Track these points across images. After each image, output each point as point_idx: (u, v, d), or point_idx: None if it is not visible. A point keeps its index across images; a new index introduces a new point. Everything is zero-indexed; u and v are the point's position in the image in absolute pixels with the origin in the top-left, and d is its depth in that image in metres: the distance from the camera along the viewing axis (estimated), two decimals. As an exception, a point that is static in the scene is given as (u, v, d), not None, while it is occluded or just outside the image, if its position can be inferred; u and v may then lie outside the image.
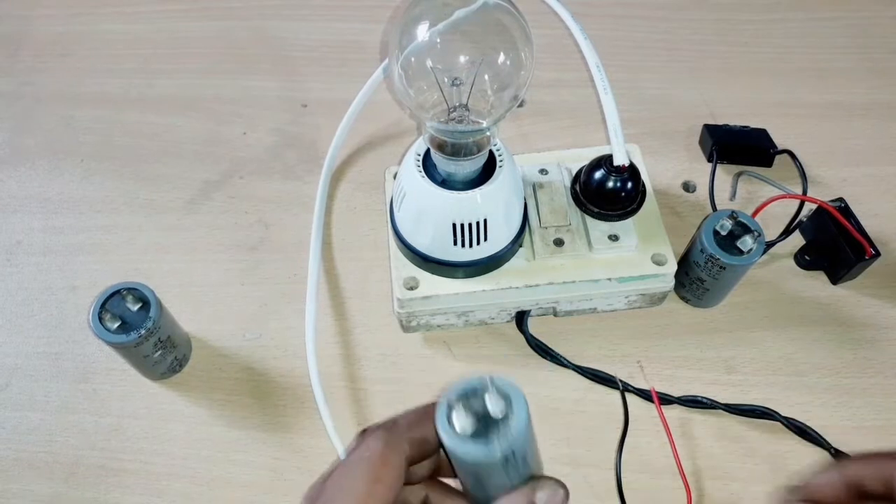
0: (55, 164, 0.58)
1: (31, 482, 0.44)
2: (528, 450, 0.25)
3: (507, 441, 0.24)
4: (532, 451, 0.26)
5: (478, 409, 0.25)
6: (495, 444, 0.24)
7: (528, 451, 0.25)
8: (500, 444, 0.24)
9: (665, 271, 0.45)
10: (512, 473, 0.25)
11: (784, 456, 0.43)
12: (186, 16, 0.67)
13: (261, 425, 0.45)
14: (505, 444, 0.24)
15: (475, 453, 0.24)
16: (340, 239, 0.53)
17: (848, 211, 0.48)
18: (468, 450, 0.24)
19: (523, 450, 0.25)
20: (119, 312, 0.42)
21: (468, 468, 0.26)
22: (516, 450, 0.24)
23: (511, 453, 0.24)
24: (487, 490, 0.26)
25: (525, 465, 0.25)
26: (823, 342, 0.47)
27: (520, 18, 0.39)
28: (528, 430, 0.25)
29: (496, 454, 0.24)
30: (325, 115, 0.59)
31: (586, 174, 0.46)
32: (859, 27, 0.64)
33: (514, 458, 0.25)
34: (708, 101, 0.59)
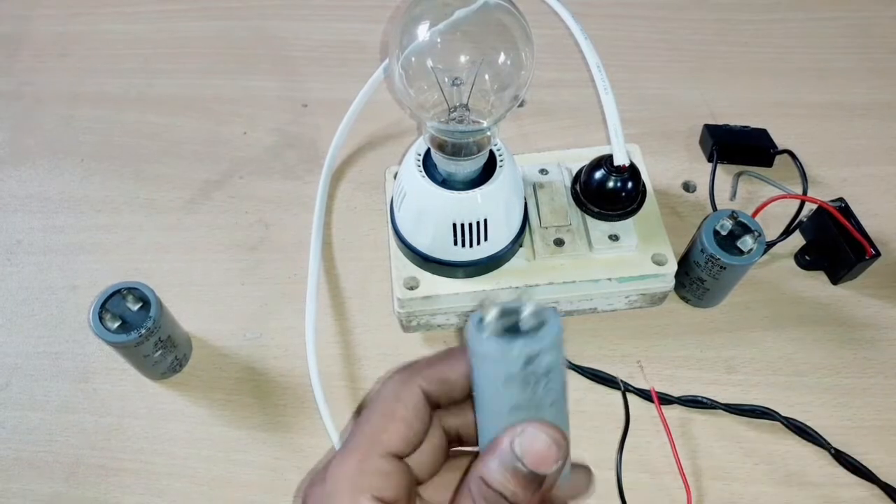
0: (55, 164, 0.58)
1: (31, 482, 0.44)
2: (552, 382, 0.24)
3: (531, 346, 0.23)
4: (555, 390, 0.24)
5: (512, 323, 0.24)
6: (518, 343, 0.23)
7: (551, 381, 0.24)
8: (522, 346, 0.23)
9: (665, 271, 0.45)
10: (528, 399, 0.24)
11: (784, 456, 0.43)
12: (186, 16, 0.67)
13: (261, 425, 0.45)
14: (527, 348, 0.23)
15: (494, 350, 0.23)
16: (340, 239, 0.53)
17: (848, 211, 0.48)
18: (489, 346, 0.23)
19: (546, 369, 0.23)
20: (119, 312, 0.42)
21: (486, 377, 0.24)
22: (538, 364, 0.23)
23: (532, 365, 0.23)
24: (497, 419, 0.24)
25: (546, 394, 0.24)
26: (824, 342, 0.47)
27: (520, 18, 0.39)
28: (556, 350, 0.24)
29: (514, 352, 0.23)
30: (325, 115, 0.59)
31: (586, 174, 0.46)
32: (859, 27, 0.64)
33: (534, 375, 0.23)
34: (708, 101, 0.59)
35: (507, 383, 0.23)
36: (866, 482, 0.42)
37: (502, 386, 0.24)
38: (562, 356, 0.24)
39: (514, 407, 0.24)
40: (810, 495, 0.42)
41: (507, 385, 0.24)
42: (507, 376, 0.23)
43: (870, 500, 0.42)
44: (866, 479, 0.42)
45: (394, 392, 0.26)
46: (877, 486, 0.42)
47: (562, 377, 0.24)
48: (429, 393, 0.26)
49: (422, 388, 0.26)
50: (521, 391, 0.23)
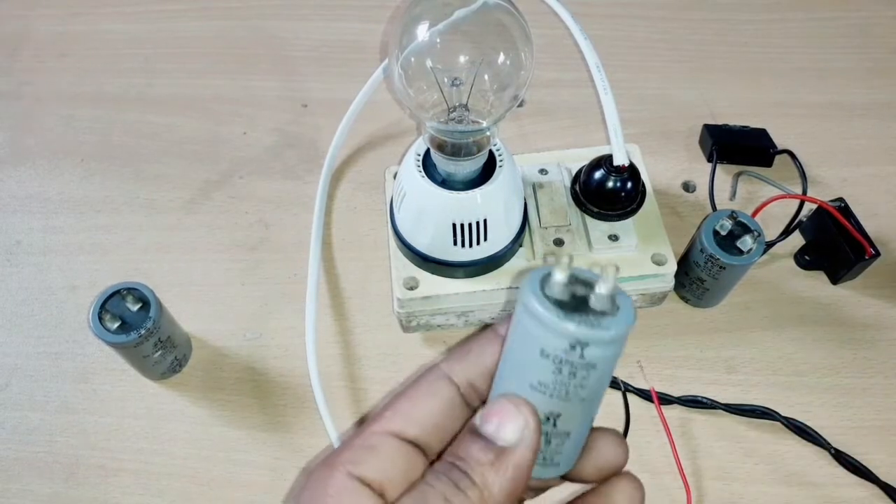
0: (55, 164, 0.58)
1: (30, 482, 0.44)
2: (591, 379, 0.21)
3: (588, 332, 0.20)
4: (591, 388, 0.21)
5: (581, 294, 0.21)
6: (574, 322, 0.20)
7: (591, 377, 0.21)
8: (578, 327, 0.20)
9: (665, 271, 0.45)
10: (556, 384, 0.21)
11: (784, 456, 0.43)
12: (186, 16, 0.67)
13: (261, 425, 0.45)
14: (582, 331, 0.20)
15: (544, 315, 0.20)
16: (340, 239, 0.53)
17: (848, 211, 0.48)
18: (541, 308, 0.20)
19: (591, 363, 0.21)
20: (119, 312, 0.42)
21: (523, 337, 0.21)
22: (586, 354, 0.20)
23: (578, 351, 0.20)
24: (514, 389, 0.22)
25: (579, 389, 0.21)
26: (824, 342, 0.47)
27: (520, 18, 0.39)
28: (612, 348, 0.21)
29: (565, 329, 0.20)
30: (325, 115, 0.59)
31: (586, 174, 0.46)
32: (859, 27, 0.64)
33: (575, 364, 0.21)
34: (708, 101, 0.59)
35: (542, 357, 0.21)
36: (866, 482, 0.42)
37: (536, 356, 0.21)
38: (616, 356, 0.22)
39: (537, 384, 0.22)
40: (810, 495, 0.42)
41: (541, 359, 0.21)
42: (545, 350, 0.21)
43: (870, 500, 0.42)
44: (866, 479, 0.42)
45: (416, 378, 0.24)
46: (877, 487, 0.42)
47: (604, 378, 0.22)
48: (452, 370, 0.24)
49: (444, 368, 0.24)
50: (553, 372, 0.21)
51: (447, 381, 0.24)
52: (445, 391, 0.24)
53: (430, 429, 0.23)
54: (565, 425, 0.23)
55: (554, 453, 0.23)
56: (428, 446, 0.23)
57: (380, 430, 0.23)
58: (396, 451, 0.22)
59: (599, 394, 0.22)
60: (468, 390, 0.24)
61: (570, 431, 0.23)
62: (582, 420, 0.23)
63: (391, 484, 0.22)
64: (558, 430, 0.23)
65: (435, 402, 0.23)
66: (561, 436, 0.23)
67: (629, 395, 0.45)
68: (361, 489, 0.21)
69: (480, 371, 0.24)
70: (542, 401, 0.22)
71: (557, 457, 0.23)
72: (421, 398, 0.23)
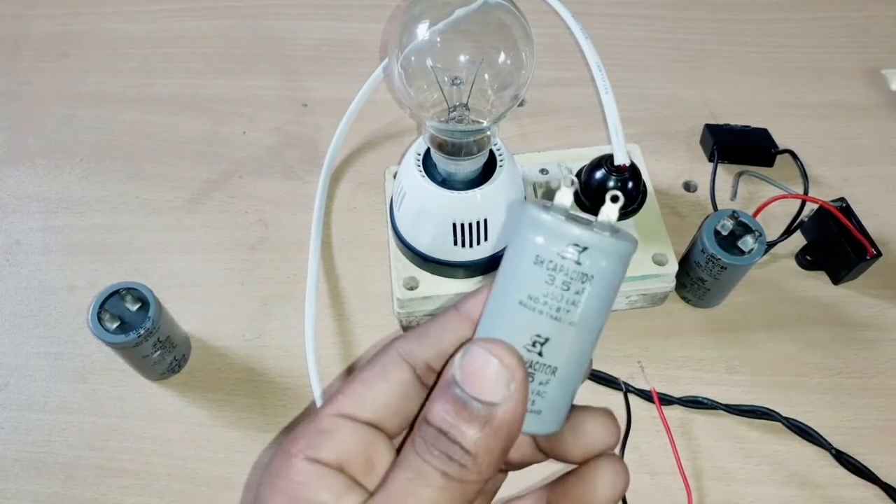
0: (55, 164, 0.58)
1: (29, 482, 0.44)
2: (585, 296, 0.20)
3: (587, 236, 0.19)
4: (585, 309, 0.20)
5: (580, 220, 0.20)
6: (574, 224, 0.19)
7: (585, 293, 0.20)
8: (577, 229, 0.19)
9: (666, 271, 0.45)
10: (546, 297, 0.20)
11: (785, 456, 0.43)
12: (186, 16, 0.67)
13: (261, 425, 0.45)
14: (582, 233, 0.19)
15: (542, 217, 0.19)
16: (340, 239, 0.52)
17: (849, 211, 0.48)
18: (539, 213, 0.20)
19: (587, 273, 0.20)
20: (118, 312, 0.42)
21: (516, 248, 0.20)
22: (582, 261, 0.19)
23: (575, 255, 0.19)
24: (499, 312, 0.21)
25: (572, 305, 0.20)
26: (824, 342, 0.47)
27: (520, 18, 0.39)
28: (612, 262, 0.20)
29: (563, 229, 0.19)
30: (325, 115, 0.59)
31: (587, 174, 0.46)
32: (859, 27, 0.64)
33: (570, 272, 0.19)
34: (709, 101, 0.59)
35: (536, 265, 0.20)
36: (867, 483, 0.42)
37: (529, 265, 0.20)
38: (615, 276, 0.20)
39: (527, 298, 0.20)
40: (811, 496, 0.42)
41: (534, 267, 0.20)
42: (540, 255, 0.20)
43: (871, 500, 0.42)
44: (867, 480, 0.42)
45: (371, 357, 0.23)
46: (878, 487, 0.42)
47: (602, 301, 0.20)
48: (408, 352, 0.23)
49: (398, 348, 0.23)
50: (545, 282, 0.20)
51: (402, 363, 0.23)
52: (400, 374, 0.23)
53: (385, 412, 0.22)
54: (553, 356, 0.21)
55: (536, 395, 0.22)
56: (386, 428, 0.23)
57: (333, 412, 0.22)
58: (352, 432, 0.22)
59: (592, 325, 0.21)
60: (425, 372, 0.23)
61: (557, 367, 0.21)
62: (571, 355, 0.21)
63: (351, 464, 0.21)
64: (544, 360, 0.21)
65: (389, 386, 0.22)
66: (546, 372, 0.21)
67: (630, 395, 0.45)
68: (324, 470, 0.21)
69: (437, 352, 0.23)
70: (528, 320, 0.20)
71: (540, 402, 0.22)
72: (375, 381, 0.22)
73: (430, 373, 0.23)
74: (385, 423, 0.22)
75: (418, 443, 0.20)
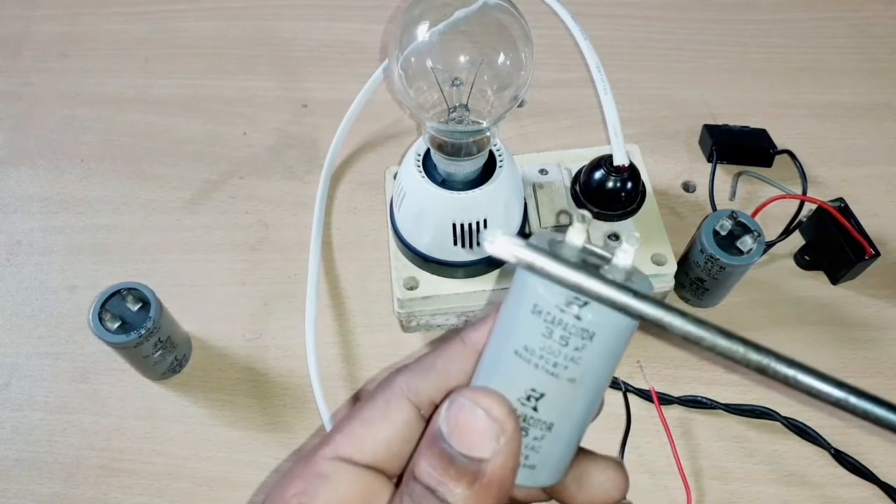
0: (55, 164, 0.58)
1: (30, 482, 0.44)
2: (586, 353, 0.18)
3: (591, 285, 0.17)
4: (585, 367, 0.18)
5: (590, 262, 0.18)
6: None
7: (586, 350, 0.18)
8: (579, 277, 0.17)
9: (665, 271, 0.45)
10: (542, 351, 0.18)
11: (784, 456, 0.43)
12: (186, 16, 0.67)
13: (261, 425, 0.45)
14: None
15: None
16: (340, 239, 0.53)
17: (848, 211, 0.48)
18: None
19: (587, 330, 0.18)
20: (119, 312, 0.42)
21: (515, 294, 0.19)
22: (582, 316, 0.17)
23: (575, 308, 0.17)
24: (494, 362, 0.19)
25: (571, 362, 0.18)
26: (823, 342, 0.47)
27: (520, 18, 0.39)
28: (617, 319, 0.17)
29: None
30: (325, 115, 0.59)
31: (586, 174, 0.46)
32: (859, 27, 0.64)
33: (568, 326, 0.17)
34: (708, 101, 0.59)
35: (534, 315, 0.18)
36: (866, 482, 0.42)
37: (526, 314, 0.18)
38: (622, 334, 0.18)
39: (522, 349, 0.19)
40: (810, 495, 0.42)
41: (532, 317, 0.18)
42: (538, 304, 0.18)
43: (870, 500, 0.42)
44: (866, 479, 0.42)
45: (372, 391, 0.22)
46: (877, 486, 0.42)
47: (602, 361, 0.19)
48: (412, 388, 0.21)
49: (402, 383, 0.22)
50: (541, 334, 0.18)
51: (405, 401, 0.21)
52: (403, 413, 0.21)
53: (385, 454, 0.21)
54: (548, 412, 0.19)
55: (529, 450, 0.20)
56: (388, 471, 0.21)
57: (331, 454, 0.21)
58: (350, 477, 0.20)
59: (595, 382, 0.19)
60: (429, 409, 0.21)
61: (552, 423, 0.20)
62: (569, 411, 0.20)
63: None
64: (538, 416, 0.19)
65: (390, 428, 0.21)
66: (541, 427, 0.20)
67: (629, 395, 0.45)
68: None
69: (443, 389, 0.21)
70: (523, 373, 0.19)
71: (533, 457, 0.20)
72: (375, 422, 0.21)
73: (434, 408, 0.22)
74: (386, 466, 0.21)
75: (406, 501, 0.19)
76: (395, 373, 0.22)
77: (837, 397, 0.17)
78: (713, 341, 0.17)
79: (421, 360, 0.22)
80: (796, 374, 0.17)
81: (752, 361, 0.17)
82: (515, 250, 0.18)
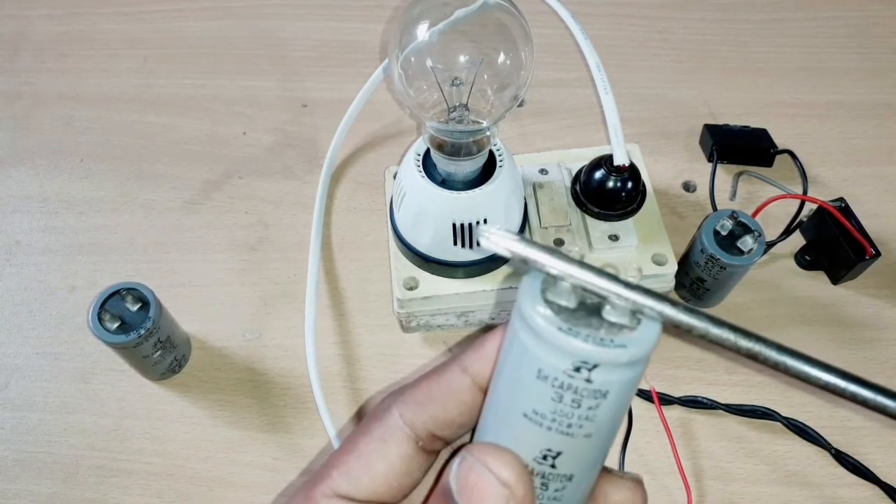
0: (55, 164, 0.58)
1: (30, 483, 0.44)
2: (599, 410, 0.17)
3: (595, 352, 0.16)
4: (600, 422, 0.17)
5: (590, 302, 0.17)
6: (580, 339, 0.16)
7: (599, 408, 0.17)
8: (584, 344, 0.16)
9: (665, 271, 0.45)
10: (554, 414, 0.17)
11: (784, 456, 0.43)
12: (186, 16, 0.67)
13: (261, 425, 0.45)
14: (589, 349, 0.16)
15: (543, 328, 0.16)
16: (340, 239, 0.53)
17: (848, 211, 0.48)
18: (538, 321, 0.16)
19: (600, 391, 0.17)
20: (119, 312, 0.42)
21: (516, 356, 0.18)
22: (592, 379, 0.16)
23: (583, 374, 0.16)
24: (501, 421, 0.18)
25: (583, 422, 0.17)
26: (824, 342, 0.47)
27: (520, 18, 0.39)
28: (627, 373, 0.17)
29: (568, 346, 0.16)
30: (325, 115, 0.59)
31: (586, 174, 0.46)
32: (859, 27, 0.64)
33: (579, 391, 0.16)
34: (708, 101, 0.59)
35: (539, 380, 0.17)
36: (867, 482, 0.42)
37: (531, 377, 0.17)
38: (633, 383, 0.17)
39: (532, 413, 0.18)
40: (811, 495, 0.42)
41: (538, 382, 0.17)
42: (543, 370, 0.17)
43: (870, 500, 0.42)
44: (867, 480, 0.42)
45: (367, 420, 0.21)
46: (877, 487, 0.42)
47: (618, 410, 0.18)
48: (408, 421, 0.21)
49: (399, 415, 0.21)
50: (552, 399, 0.17)
51: (402, 434, 0.20)
52: (399, 448, 0.20)
53: (384, 489, 0.20)
54: (567, 467, 0.18)
55: (553, 500, 0.19)
56: (385, 501, 0.20)
57: (329, 492, 0.20)
58: None
59: (612, 430, 0.18)
60: (429, 440, 0.20)
61: (572, 475, 0.19)
62: (589, 461, 0.19)
63: None
64: (558, 471, 0.19)
65: (388, 463, 0.20)
66: (561, 479, 0.19)
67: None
68: None
69: (443, 421, 0.20)
70: (537, 435, 0.18)
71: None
72: (372, 458, 0.20)
73: (433, 440, 0.21)
74: (386, 499, 0.20)
75: None
76: (391, 400, 0.21)
77: (826, 381, 0.18)
78: (705, 329, 0.17)
79: (418, 387, 0.21)
80: (785, 359, 0.17)
81: (743, 348, 0.17)
82: (510, 244, 0.17)
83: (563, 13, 0.44)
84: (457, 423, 0.20)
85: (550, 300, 0.17)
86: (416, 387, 0.21)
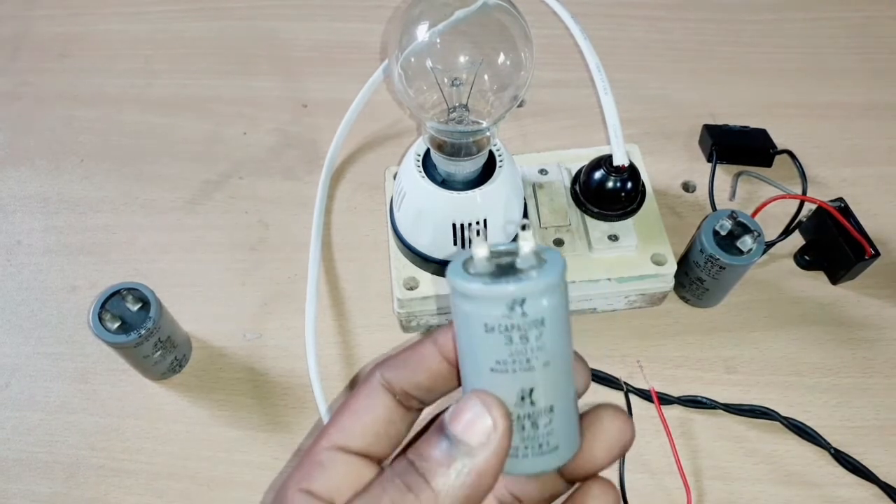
0: (55, 165, 0.58)
1: (30, 482, 0.44)
2: (546, 335, 0.20)
3: (519, 286, 0.19)
4: (551, 347, 0.20)
5: (507, 263, 0.21)
6: (502, 282, 0.19)
7: (545, 334, 0.20)
8: (507, 285, 0.19)
9: (665, 271, 0.45)
10: (513, 356, 0.20)
11: (784, 456, 0.43)
12: (186, 16, 0.67)
13: (261, 425, 0.45)
14: (513, 287, 0.19)
15: (473, 288, 0.20)
16: (340, 239, 0.53)
17: (847, 211, 0.48)
18: (467, 285, 0.20)
19: (538, 318, 0.20)
20: (119, 312, 0.42)
21: (465, 325, 0.21)
22: (528, 311, 0.20)
23: (519, 310, 0.20)
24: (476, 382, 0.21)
25: (538, 351, 0.20)
26: (823, 342, 0.47)
27: (520, 18, 0.39)
28: (553, 295, 0.20)
29: (495, 292, 0.19)
30: (325, 115, 0.59)
31: (586, 174, 0.46)
32: (859, 27, 0.64)
33: (522, 325, 0.20)
34: (708, 101, 0.59)
35: (488, 333, 0.20)
36: (866, 482, 0.42)
37: (482, 335, 0.20)
38: (561, 305, 0.20)
39: (495, 364, 0.21)
40: (810, 495, 0.42)
41: (488, 335, 0.20)
42: (488, 324, 0.20)
43: (869, 499, 0.42)
44: (866, 479, 0.42)
45: (357, 386, 0.25)
46: (876, 486, 0.42)
47: (560, 332, 0.21)
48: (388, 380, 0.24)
49: (380, 377, 0.24)
50: (504, 345, 0.20)
51: (383, 391, 0.24)
52: (382, 402, 0.24)
53: (373, 438, 0.24)
54: (544, 399, 0.21)
55: (547, 436, 0.22)
56: (376, 454, 0.24)
57: (327, 444, 0.24)
58: (343, 464, 0.23)
59: (564, 353, 0.21)
60: (405, 398, 0.24)
61: (552, 405, 0.21)
62: (559, 387, 0.22)
63: (340, 495, 0.23)
64: (538, 406, 0.21)
65: (373, 415, 0.24)
66: (545, 413, 0.21)
67: (629, 395, 0.45)
68: (316, 502, 0.22)
69: (415, 384, 0.24)
70: (507, 381, 0.21)
71: (553, 439, 0.22)
72: (360, 411, 0.24)
73: (408, 398, 0.24)
74: (375, 450, 0.24)
75: (386, 471, 0.22)
76: (375, 367, 0.25)
77: None
78: None
79: (397, 355, 0.25)
80: None
81: None
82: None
83: (562, 13, 0.44)
84: (425, 386, 0.24)
85: (472, 273, 0.21)
86: (396, 356, 0.25)
